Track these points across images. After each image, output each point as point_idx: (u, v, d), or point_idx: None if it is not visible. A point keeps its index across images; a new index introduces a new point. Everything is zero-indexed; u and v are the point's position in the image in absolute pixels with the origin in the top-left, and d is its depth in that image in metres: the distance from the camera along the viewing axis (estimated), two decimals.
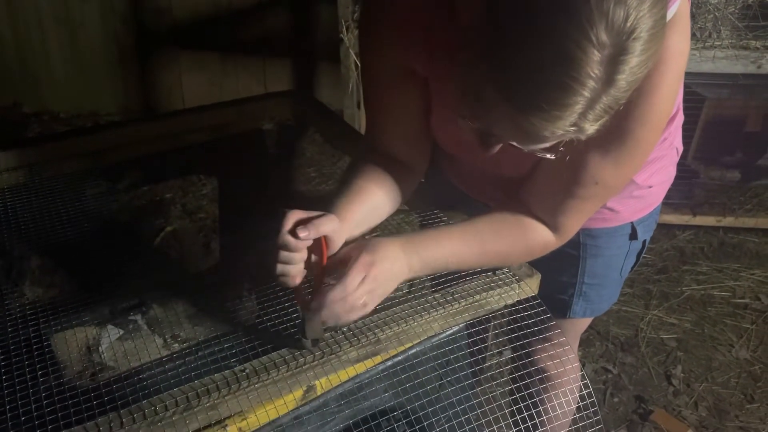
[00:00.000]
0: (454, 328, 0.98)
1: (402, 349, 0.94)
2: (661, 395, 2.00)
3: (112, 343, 0.92)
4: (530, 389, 0.96)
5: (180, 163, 1.63)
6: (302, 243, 0.81)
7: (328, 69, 3.13)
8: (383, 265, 0.85)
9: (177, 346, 0.93)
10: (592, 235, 1.14)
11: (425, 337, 0.95)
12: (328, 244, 0.85)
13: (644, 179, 1.06)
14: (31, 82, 3.35)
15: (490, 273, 1.03)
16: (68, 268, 1.09)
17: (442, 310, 0.96)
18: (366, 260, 0.84)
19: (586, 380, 0.98)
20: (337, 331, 0.91)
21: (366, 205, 0.94)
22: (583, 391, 0.97)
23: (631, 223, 1.14)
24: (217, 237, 1.38)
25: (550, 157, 0.75)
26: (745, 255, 2.58)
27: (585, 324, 1.34)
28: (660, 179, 1.11)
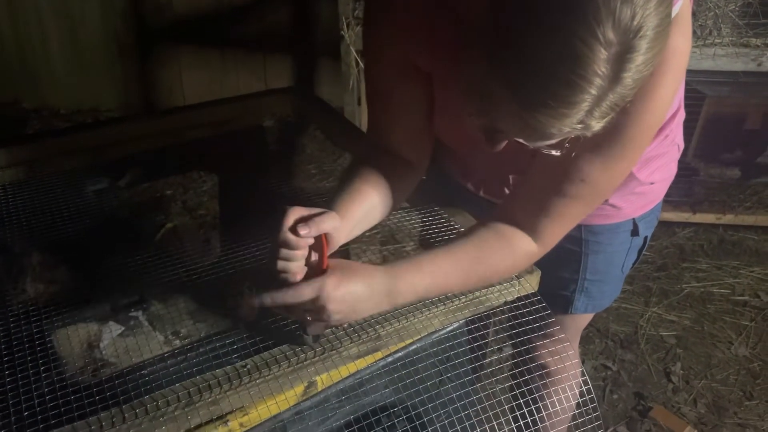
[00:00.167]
0: (455, 325, 0.99)
1: (402, 345, 0.95)
2: (660, 392, 2.01)
3: (113, 340, 0.93)
4: (530, 385, 0.96)
5: (180, 160, 1.63)
6: (303, 240, 0.81)
7: (329, 66, 3.13)
8: (349, 290, 0.84)
9: (178, 343, 0.93)
10: (594, 232, 1.14)
11: (425, 334, 0.95)
12: (329, 242, 0.85)
13: (646, 176, 1.06)
14: (31, 79, 3.35)
15: None
16: (69, 265, 1.09)
17: (443, 307, 0.96)
18: (333, 281, 0.82)
19: (585, 376, 0.98)
20: (338, 328, 0.91)
21: (366, 203, 0.94)
22: (582, 387, 0.97)
23: (633, 220, 1.14)
24: (218, 233, 1.38)
25: (555, 153, 0.75)
26: (745, 252, 2.59)
27: (586, 320, 1.34)
28: (662, 176, 1.11)
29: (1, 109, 3.36)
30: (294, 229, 0.80)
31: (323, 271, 0.84)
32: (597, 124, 0.67)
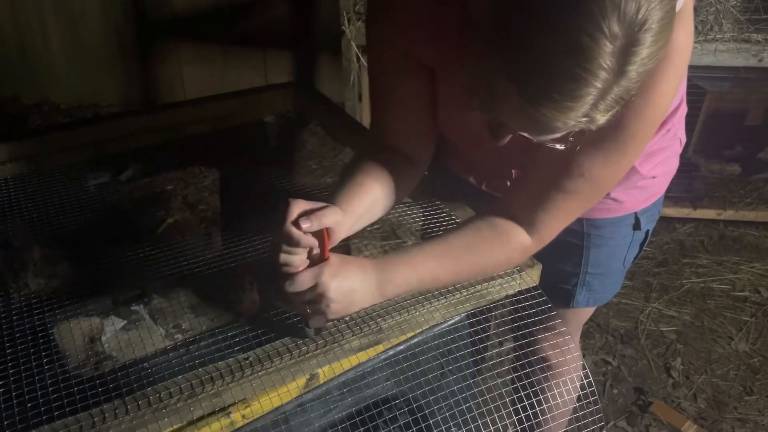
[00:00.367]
0: (456, 318, 0.99)
1: (404, 338, 0.95)
2: (660, 387, 2.01)
3: (114, 333, 0.93)
4: (531, 378, 0.96)
5: (181, 155, 1.63)
6: (306, 235, 0.81)
7: (330, 61, 3.13)
8: (345, 282, 0.85)
9: (179, 337, 0.93)
10: (596, 225, 1.15)
11: (427, 327, 0.96)
12: (330, 236, 0.85)
13: (648, 170, 1.06)
14: (31, 74, 3.35)
15: None
16: (70, 260, 1.09)
17: (444, 300, 0.96)
18: (331, 270, 0.83)
19: (586, 369, 0.98)
20: (340, 321, 0.92)
21: (368, 198, 0.94)
22: (583, 380, 0.98)
23: (635, 213, 1.14)
24: (218, 228, 1.38)
25: (559, 147, 0.75)
26: (745, 248, 2.59)
27: (588, 314, 1.34)
28: (664, 170, 1.11)
29: (1, 104, 3.36)
30: (296, 223, 0.81)
31: (324, 261, 0.84)
32: (602, 118, 0.67)
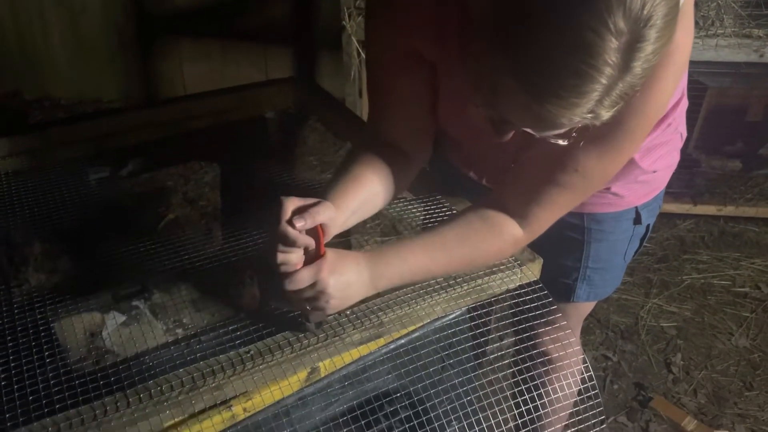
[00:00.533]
0: (457, 312, 0.99)
1: (405, 332, 0.95)
2: (660, 383, 2.01)
3: (116, 328, 0.93)
4: (532, 372, 0.96)
5: (182, 150, 1.63)
6: (301, 235, 0.81)
7: (330, 57, 3.12)
8: (343, 277, 0.85)
9: (180, 332, 0.93)
10: (597, 220, 1.15)
11: (428, 321, 0.96)
12: (324, 232, 0.85)
13: (649, 164, 1.06)
14: (32, 70, 3.35)
15: None
16: (71, 255, 1.09)
17: (445, 294, 0.96)
18: (329, 265, 0.84)
19: (587, 364, 0.99)
20: (341, 314, 0.92)
21: (363, 193, 0.94)
22: (584, 374, 0.98)
23: (636, 208, 1.14)
24: (219, 224, 1.38)
25: (562, 143, 0.75)
26: (746, 244, 2.59)
27: (588, 308, 1.34)
28: (665, 164, 1.11)
29: (2, 100, 3.36)
30: (291, 222, 0.80)
31: (320, 258, 0.84)
32: (606, 114, 0.67)
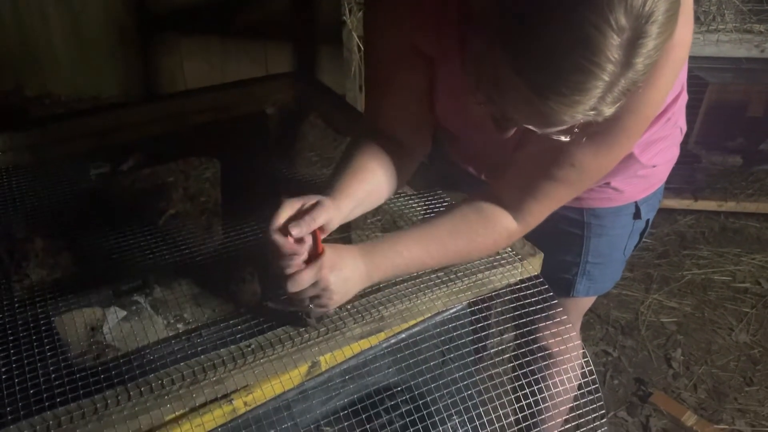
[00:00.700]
0: (458, 307, 0.99)
1: (406, 326, 0.95)
2: (660, 378, 2.01)
3: (117, 323, 0.93)
4: (532, 366, 0.97)
5: (182, 146, 1.63)
6: (294, 244, 0.81)
7: (330, 53, 3.11)
8: (342, 273, 0.85)
9: (181, 327, 0.93)
10: (597, 215, 1.15)
11: (429, 315, 0.96)
12: (323, 229, 0.84)
13: (648, 159, 1.06)
14: (32, 67, 3.34)
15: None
16: (71, 250, 1.10)
17: (446, 289, 0.96)
18: (329, 262, 0.83)
19: (587, 358, 0.99)
20: (342, 309, 0.92)
21: (367, 184, 0.93)
22: (584, 369, 0.98)
23: (635, 203, 1.14)
24: (220, 220, 1.38)
25: (564, 139, 0.75)
26: (746, 240, 2.59)
27: (588, 303, 1.34)
28: (664, 158, 1.11)
29: (3, 96, 3.35)
30: (285, 230, 0.80)
31: (318, 256, 0.84)
32: (608, 110, 0.67)
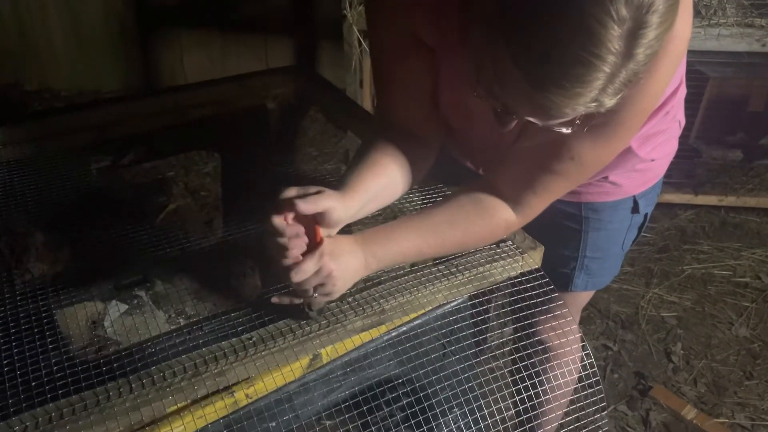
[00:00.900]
0: (458, 300, 0.99)
1: (406, 319, 0.95)
2: (660, 372, 2.02)
3: (118, 318, 0.93)
4: (533, 359, 0.97)
5: (182, 140, 1.63)
6: (294, 227, 0.81)
7: (331, 47, 3.11)
8: (342, 259, 0.85)
9: (181, 321, 0.93)
10: (595, 209, 1.15)
11: (430, 308, 0.96)
12: (325, 220, 0.84)
13: (646, 152, 1.06)
14: (32, 61, 3.34)
15: (493, 245, 1.03)
16: (72, 244, 1.10)
17: (447, 282, 0.97)
18: (329, 249, 0.84)
19: (588, 351, 0.99)
20: (343, 301, 0.92)
21: (381, 179, 0.93)
22: (585, 362, 0.98)
23: (633, 197, 1.14)
24: (220, 214, 1.38)
25: (566, 131, 0.75)
26: (746, 234, 2.59)
27: (586, 298, 1.34)
28: (663, 152, 1.11)
29: (2, 91, 3.35)
30: (288, 211, 0.80)
31: (318, 245, 0.84)
32: (610, 102, 0.67)
